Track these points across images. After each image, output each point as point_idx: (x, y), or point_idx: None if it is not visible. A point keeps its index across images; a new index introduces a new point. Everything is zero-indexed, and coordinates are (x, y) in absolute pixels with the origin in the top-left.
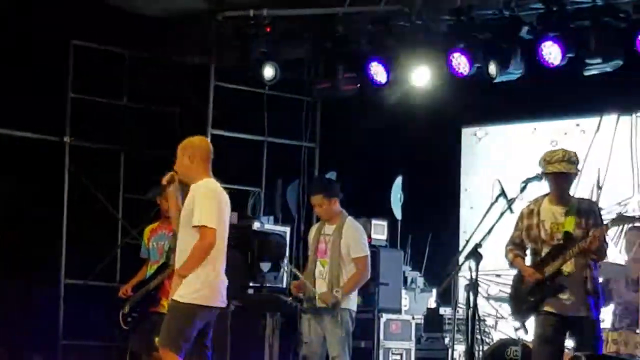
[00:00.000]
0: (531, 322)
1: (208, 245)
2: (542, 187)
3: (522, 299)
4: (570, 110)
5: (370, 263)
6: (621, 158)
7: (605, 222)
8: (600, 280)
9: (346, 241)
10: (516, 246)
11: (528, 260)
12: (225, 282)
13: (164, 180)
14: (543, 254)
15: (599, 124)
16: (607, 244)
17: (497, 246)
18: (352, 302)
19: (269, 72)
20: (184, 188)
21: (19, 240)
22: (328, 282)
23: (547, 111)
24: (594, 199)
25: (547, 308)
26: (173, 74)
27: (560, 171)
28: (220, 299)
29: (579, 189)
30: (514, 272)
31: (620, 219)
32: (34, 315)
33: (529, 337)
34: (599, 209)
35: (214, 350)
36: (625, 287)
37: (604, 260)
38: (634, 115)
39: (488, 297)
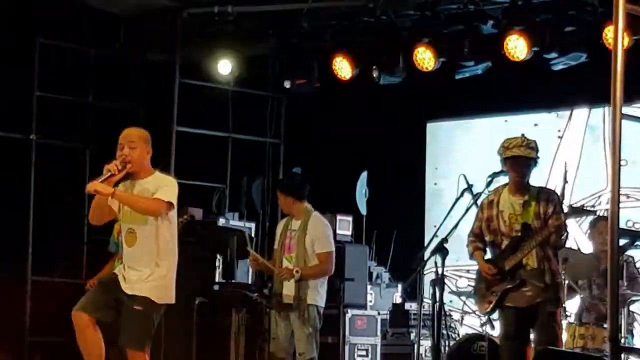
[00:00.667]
0: (497, 316)
1: (157, 210)
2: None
3: (485, 295)
4: (540, 104)
5: (334, 259)
6: (594, 150)
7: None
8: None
9: (311, 236)
10: (477, 237)
11: (489, 253)
12: None
13: (114, 168)
14: (503, 247)
15: (570, 115)
16: (567, 233)
17: None
18: (320, 298)
19: (226, 68)
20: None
21: None
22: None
23: (515, 106)
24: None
25: (508, 303)
26: (138, 72)
27: (518, 155)
28: None
29: (551, 182)
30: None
31: (573, 212)
32: None
33: (495, 331)
34: (559, 198)
35: (180, 347)
36: (593, 280)
37: (576, 253)
38: (605, 107)
39: (458, 293)
